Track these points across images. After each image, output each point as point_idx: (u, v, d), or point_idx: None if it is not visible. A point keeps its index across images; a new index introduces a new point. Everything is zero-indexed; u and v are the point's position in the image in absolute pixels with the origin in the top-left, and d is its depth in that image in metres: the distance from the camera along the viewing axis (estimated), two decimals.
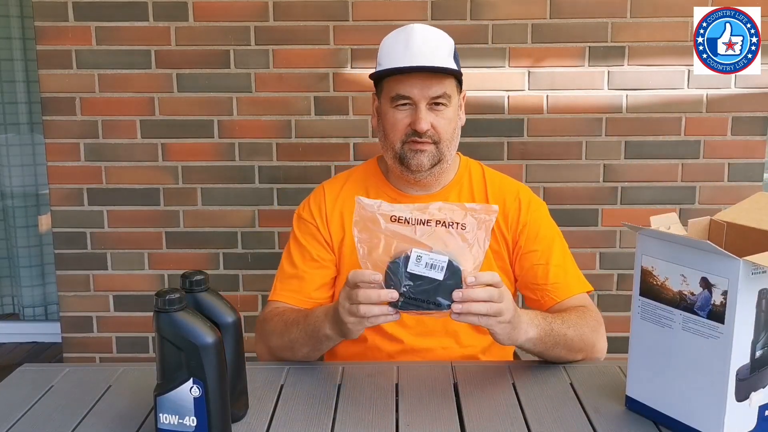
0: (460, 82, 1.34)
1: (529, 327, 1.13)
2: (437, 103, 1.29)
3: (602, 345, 1.29)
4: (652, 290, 0.97)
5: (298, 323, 1.24)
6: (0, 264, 3.22)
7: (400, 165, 1.32)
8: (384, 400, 1.09)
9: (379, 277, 1.00)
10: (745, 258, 0.84)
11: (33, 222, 3.13)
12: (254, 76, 2.31)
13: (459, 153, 1.44)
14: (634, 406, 1.03)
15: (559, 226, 1.42)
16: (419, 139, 1.28)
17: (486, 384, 1.16)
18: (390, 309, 1.01)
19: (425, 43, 1.28)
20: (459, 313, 0.99)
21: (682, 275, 0.92)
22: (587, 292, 1.37)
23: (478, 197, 1.39)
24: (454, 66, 1.31)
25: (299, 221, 1.42)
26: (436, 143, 1.30)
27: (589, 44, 2.27)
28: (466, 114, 1.42)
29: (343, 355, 1.38)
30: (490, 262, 1.35)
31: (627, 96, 2.29)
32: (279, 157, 2.35)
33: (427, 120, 1.28)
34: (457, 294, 0.98)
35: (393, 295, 0.99)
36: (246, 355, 1.05)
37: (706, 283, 0.89)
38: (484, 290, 1.00)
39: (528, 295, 1.37)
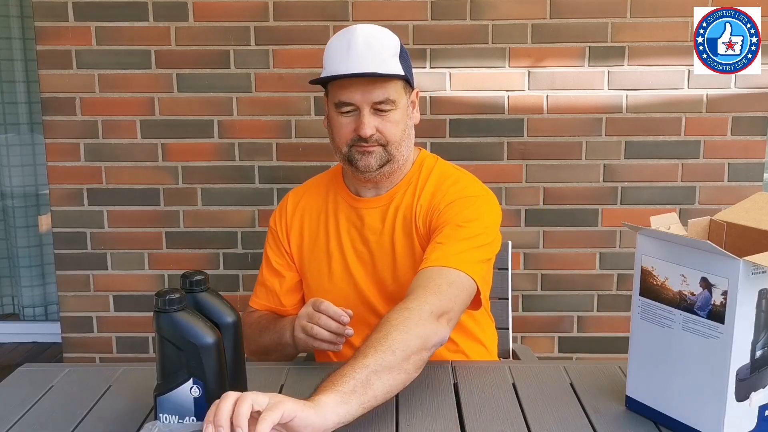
0: (408, 82, 1.31)
1: (338, 407, 0.88)
2: (380, 109, 1.26)
3: (435, 336, 1.06)
4: (652, 290, 0.97)
5: (268, 329, 1.32)
6: (0, 264, 3.22)
7: (349, 166, 1.32)
8: None
9: (347, 318, 1.13)
10: (745, 258, 0.84)
11: (33, 222, 3.13)
12: (254, 76, 2.31)
13: (420, 148, 1.43)
14: (634, 406, 1.03)
15: (559, 226, 1.42)
16: (365, 144, 1.27)
17: (486, 384, 1.16)
18: (339, 340, 1.15)
19: (367, 47, 1.25)
20: None
21: (682, 275, 0.92)
22: (470, 279, 1.19)
23: (423, 197, 1.33)
24: (397, 68, 1.27)
25: (269, 232, 1.48)
26: (383, 145, 1.28)
27: (589, 44, 2.27)
28: (466, 114, 1.43)
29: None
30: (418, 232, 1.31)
31: (627, 96, 2.29)
32: (279, 157, 2.35)
33: (371, 125, 1.26)
34: None
35: (349, 332, 1.13)
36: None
37: (706, 283, 0.89)
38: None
39: None
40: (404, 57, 1.31)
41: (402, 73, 1.27)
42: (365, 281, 1.36)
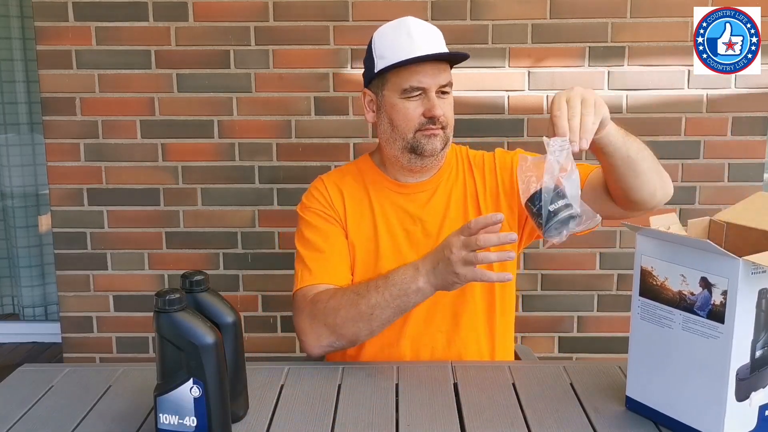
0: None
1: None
2: (443, 91, 1.33)
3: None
4: (651, 290, 0.97)
5: (376, 288, 1.20)
6: (0, 264, 3.22)
7: (410, 154, 1.34)
8: (384, 400, 1.09)
9: (502, 216, 1.07)
10: (744, 258, 0.84)
11: (33, 222, 3.13)
12: (254, 76, 2.31)
13: None
14: (634, 406, 1.03)
15: None
16: (433, 126, 1.32)
17: (486, 384, 1.16)
18: (513, 237, 1.06)
19: (427, 32, 1.33)
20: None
21: (682, 275, 0.92)
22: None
23: (467, 177, 1.43)
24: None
25: (307, 210, 1.41)
26: (443, 128, 1.34)
27: (589, 44, 2.27)
28: (466, 114, 1.46)
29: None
30: (497, 201, 1.40)
31: (627, 96, 2.29)
32: (279, 157, 2.35)
33: (440, 106, 1.31)
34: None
35: (512, 237, 1.06)
36: (246, 355, 1.05)
37: (705, 283, 0.89)
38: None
39: None
40: None
41: (467, 53, 1.35)
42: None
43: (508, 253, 1.11)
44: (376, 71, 1.34)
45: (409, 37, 1.31)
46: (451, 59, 1.35)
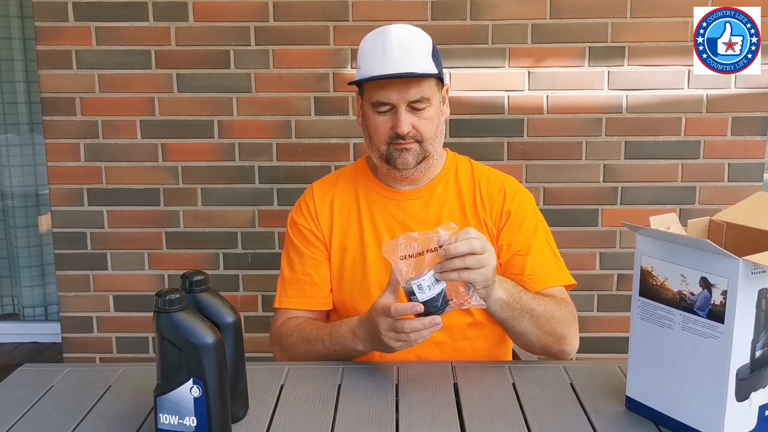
0: (440, 79, 1.36)
1: (499, 289, 1.17)
2: (416, 108, 1.31)
3: (574, 340, 1.32)
4: (651, 290, 0.97)
5: (322, 341, 1.29)
6: (0, 264, 3.22)
7: (386, 164, 1.36)
8: (384, 400, 1.09)
9: (421, 308, 1.06)
10: (744, 258, 0.84)
11: (33, 222, 3.13)
12: (254, 76, 2.31)
13: (446, 149, 1.48)
14: (634, 406, 1.03)
15: (559, 226, 1.43)
16: (402, 141, 1.32)
17: (486, 384, 1.16)
18: (438, 320, 1.08)
19: (402, 47, 1.29)
20: (441, 272, 1.07)
21: (682, 275, 0.92)
22: (569, 286, 1.39)
23: (465, 190, 1.42)
24: (431, 67, 1.32)
25: (293, 226, 1.46)
26: (419, 142, 1.33)
27: (589, 44, 2.27)
28: (466, 114, 1.44)
29: None
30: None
31: (627, 96, 2.29)
32: (279, 157, 2.35)
33: (407, 123, 1.31)
34: (440, 252, 1.06)
35: (437, 320, 1.06)
36: (246, 355, 1.05)
37: (705, 283, 0.89)
38: (466, 243, 1.06)
39: None
40: (436, 55, 1.35)
41: (435, 71, 1.32)
42: None
43: (434, 321, 1.07)
44: (349, 83, 1.37)
45: (383, 51, 1.29)
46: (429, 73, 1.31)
